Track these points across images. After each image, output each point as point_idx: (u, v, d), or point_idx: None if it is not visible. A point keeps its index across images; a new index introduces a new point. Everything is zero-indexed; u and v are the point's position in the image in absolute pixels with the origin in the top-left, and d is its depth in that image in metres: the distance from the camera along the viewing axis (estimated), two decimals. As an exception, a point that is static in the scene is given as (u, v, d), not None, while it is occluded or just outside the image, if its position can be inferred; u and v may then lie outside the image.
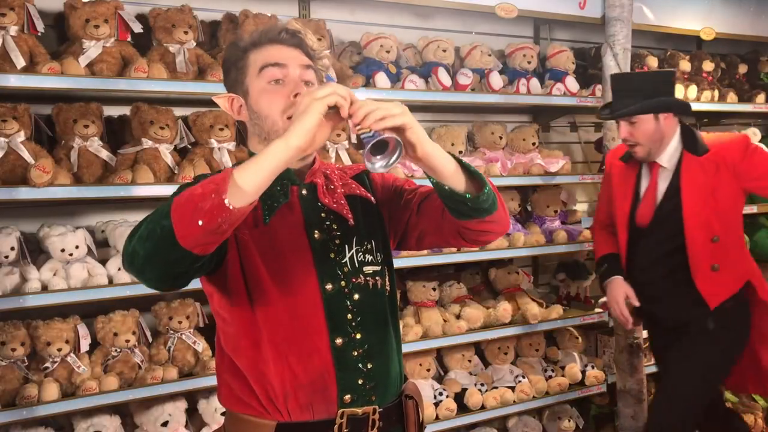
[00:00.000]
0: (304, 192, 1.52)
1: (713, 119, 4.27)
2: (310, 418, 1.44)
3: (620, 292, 2.77)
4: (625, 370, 3.28)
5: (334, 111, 1.26)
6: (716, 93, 3.86)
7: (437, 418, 3.01)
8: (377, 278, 1.54)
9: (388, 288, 1.57)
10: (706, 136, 2.72)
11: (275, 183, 1.40)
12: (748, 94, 4.05)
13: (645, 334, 3.18)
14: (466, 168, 1.35)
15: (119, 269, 2.47)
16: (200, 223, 1.17)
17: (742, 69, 4.17)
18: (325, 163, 1.64)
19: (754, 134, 4.19)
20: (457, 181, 1.34)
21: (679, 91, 3.68)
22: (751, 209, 4.02)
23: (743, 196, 2.70)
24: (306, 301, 1.45)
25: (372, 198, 1.60)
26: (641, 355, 3.28)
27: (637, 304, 2.75)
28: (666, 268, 2.71)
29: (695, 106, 3.77)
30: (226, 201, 1.16)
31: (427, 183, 1.45)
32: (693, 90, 3.74)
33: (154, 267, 1.25)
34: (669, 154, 2.68)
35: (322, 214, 1.52)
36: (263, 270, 1.44)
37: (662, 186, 2.70)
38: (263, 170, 1.21)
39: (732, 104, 3.94)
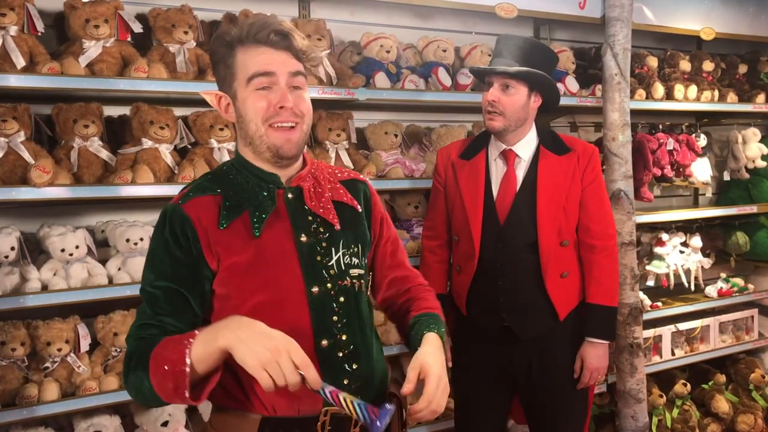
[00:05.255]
0: (290, 196, 1.54)
1: (713, 119, 4.26)
2: (295, 414, 1.46)
3: None
4: (625, 370, 3.28)
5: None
6: (716, 93, 3.86)
7: (437, 417, 3.01)
8: (362, 281, 1.58)
9: (368, 291, 1.63)
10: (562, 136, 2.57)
11: (262, 189, 1.51)
12: (748, 94, 4.05)
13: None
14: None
15: (119, 269, 2.48)
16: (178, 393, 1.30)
17: (742, 69, 4.17)
18: (317, 162, 1.66)
19: (754, 134, 4.19)
20: None
21: (679, 91, 3.69)
22: (751, 209, 4.01)
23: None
24: (292, 304, 1.47)
25: (358, 206, 1.63)
26: (641, 355, 3.28)
27: (449, 365, 2.53)
28: (524, 272, 2.45)
29: (695, 107, 3.79)
30: (186, 394, 1.29)
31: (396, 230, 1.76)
32: (693, 90, 3.74)
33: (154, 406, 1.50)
34: (525, 144, 2.49)
35: (309, 218, 1.54)
36: (251, 282, 1.46)
37: (519, 177, 2.48)
38: (212, 360, 1.31)
39: (732, 104, 3.93)
